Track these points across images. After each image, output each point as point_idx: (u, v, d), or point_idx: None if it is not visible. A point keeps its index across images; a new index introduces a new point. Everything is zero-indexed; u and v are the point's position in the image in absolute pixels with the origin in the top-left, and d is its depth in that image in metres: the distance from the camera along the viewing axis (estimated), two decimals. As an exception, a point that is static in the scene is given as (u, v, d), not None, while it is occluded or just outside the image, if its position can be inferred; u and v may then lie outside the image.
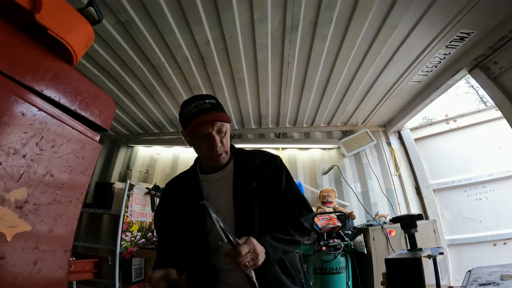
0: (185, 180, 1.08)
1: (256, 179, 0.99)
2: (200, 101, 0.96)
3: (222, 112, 0.97)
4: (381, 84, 2.53)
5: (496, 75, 1.96)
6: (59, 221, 0.67)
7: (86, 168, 0.76)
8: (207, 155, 0.99)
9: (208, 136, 0.94)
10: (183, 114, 0.98)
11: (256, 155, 1.09)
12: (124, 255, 2.53)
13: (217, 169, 1.03)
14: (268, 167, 1.04)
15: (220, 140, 0.96)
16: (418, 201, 3.11)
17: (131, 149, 3.70)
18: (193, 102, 0.96)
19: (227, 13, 1.73)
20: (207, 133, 0.94)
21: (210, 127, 0.93)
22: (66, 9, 0.73)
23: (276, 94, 2.73)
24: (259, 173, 1.01)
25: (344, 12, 1.72)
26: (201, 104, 0.95)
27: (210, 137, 0.94)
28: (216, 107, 0.96)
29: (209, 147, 0.95)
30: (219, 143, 0.95)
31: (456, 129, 3.09)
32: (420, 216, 1.47)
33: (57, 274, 0.66)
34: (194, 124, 0.93)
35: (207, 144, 0.95)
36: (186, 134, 1.00)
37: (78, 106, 0.72)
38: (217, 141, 0.95)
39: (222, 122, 0.95)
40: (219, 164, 1.01)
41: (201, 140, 0.96)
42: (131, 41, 1.99)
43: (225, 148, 0.99)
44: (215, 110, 0.95)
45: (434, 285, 1.11)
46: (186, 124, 0.97)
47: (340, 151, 3.34)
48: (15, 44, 0.60)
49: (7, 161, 0.54)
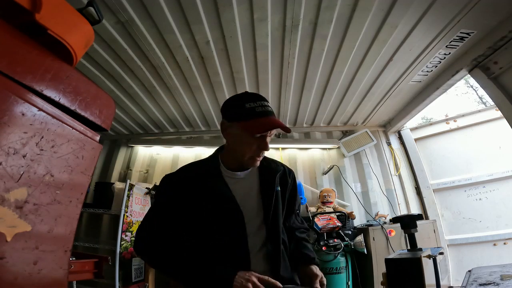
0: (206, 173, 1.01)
1: (279, 185, 1.04)
2: (265, 102, 0.93)
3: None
4: (381, 84, 2.53)
5: (496, 75, 1.96)
6: (59, 221, 0.67)
7: (86, 168, 0.76)
8: (248, 155, 0.94)
9: (264, 138, 0.92)
10: (244, 108, 0.91)
11: (275, 163, 1.11)
12: (124, 255, 2.53)
13: (240, 168, 1.01)
14: (288, 176, 1.11)
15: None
16: (418, 201, 3.11)
17: (131, 149, 3.70)
18: (258, 100, 0.92)
19: (227, 13, 1.73)
20: (264, 136, 0.92)
21: (270, 132, 0.92)
22: (66, 9, 0.73)
23: (276, 94, 2.73)
24: (281, 180, 1.06)
25: (344, 12, 1.72)
26: (266, 106, 0.92)
27: (264, 142, 0.92)
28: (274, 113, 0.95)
29: (256, 149, 0.93)
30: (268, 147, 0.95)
31: (456, 129, 3.09)
32: (420, 216, 1.47)
33: (57, 274, 0.66)
34: (258, 122, 0.89)
35: (256, 146, 0.92)
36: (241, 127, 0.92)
37: (78, 106, 0.72)
38: (268, 145, 0.93)
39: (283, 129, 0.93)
40: (253, 166, 1.00)
41: (251, 139, 0.92)
42: (131, 41, 1.98)
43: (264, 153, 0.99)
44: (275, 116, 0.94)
45: (434, 285, 1.11)
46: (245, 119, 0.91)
47: (340, 151, 3.34)
48: (15, 44, 0.60)
49: (7, 161, 0.54)
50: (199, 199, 0.95)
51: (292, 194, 1.11)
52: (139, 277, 2.65)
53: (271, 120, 0.91)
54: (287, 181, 1.09)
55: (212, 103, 2.92)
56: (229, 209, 0.94)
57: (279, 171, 1.06)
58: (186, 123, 3.43)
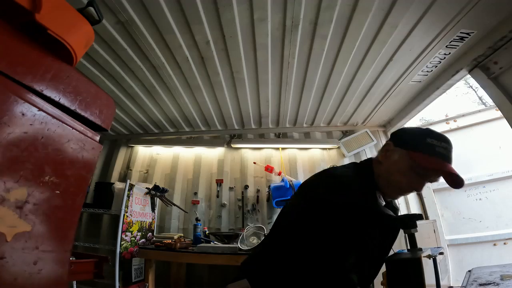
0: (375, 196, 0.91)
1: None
2: (450, 147, 0.87)
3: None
4: (381, 84, 2.53)
5: (496, 75, 1.95)
6: (59, 221, 0.67)
7: (86, 168, 0.76)
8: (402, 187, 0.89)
9: (423, 179, 0.87)
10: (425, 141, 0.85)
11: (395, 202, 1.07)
12: (124, 255, 2.53)
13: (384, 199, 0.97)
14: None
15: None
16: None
17: (131, 149, 3.70)
18: (445, 142, 0.86)
19: (227, 13, 1.73)
20: (427, 176, 0.87)
21: (435, 176, 0.87)
22: (66, 9, 0.73)
23: (276, 94, 2.73)
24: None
25: (344, 12, 1.72)
26: (450, 151, 0.86)
27: (424, 181, 0.88)
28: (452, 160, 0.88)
29: (412, 185, 0.88)
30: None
31: (456, 129, 3.09)
32: (420, 216, 1.46)
33: (57, 274, 0.66)
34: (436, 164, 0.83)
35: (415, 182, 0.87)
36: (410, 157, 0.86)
37: (78, 106, 0.72)
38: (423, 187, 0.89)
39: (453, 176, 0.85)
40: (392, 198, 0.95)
41: (414, 174, 0.86)
42: (131, 41, 1.99)
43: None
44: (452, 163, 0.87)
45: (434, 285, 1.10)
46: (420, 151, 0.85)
47: (340, 151, 3.34)
48: (15, 44, 0.60)
49: (7, 161, 0.54)
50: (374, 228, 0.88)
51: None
52: (139, 277, 2.65)
53: (446, 165, 0.83)
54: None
55: (212, 103, 2.92)
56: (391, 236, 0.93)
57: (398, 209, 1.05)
58: (186, 123, 3.43)
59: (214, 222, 3.18)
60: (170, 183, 3.39)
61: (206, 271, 2.93)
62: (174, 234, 2.83)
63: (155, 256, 2.45)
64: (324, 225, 0.79)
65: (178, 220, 3.25)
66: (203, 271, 2.93)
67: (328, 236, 0.77)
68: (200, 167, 3.46)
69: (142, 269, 2.68)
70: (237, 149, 3.51)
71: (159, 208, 3.24)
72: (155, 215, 3.15)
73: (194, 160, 3.53)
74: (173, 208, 3.19)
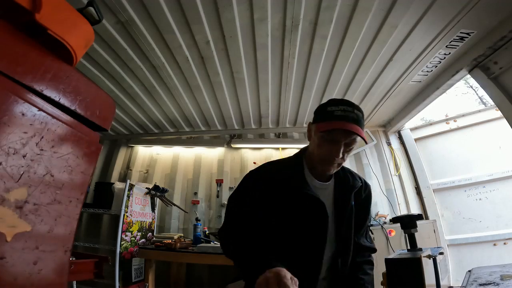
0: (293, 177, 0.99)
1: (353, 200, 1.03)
2: (350, 108, 0.91)
3: (362, 129, 0.92)
4: (381, 84, 2.53)
5: (496, 75, 1.95)
6: (59, 221, 0.67)
7: (86, 168, 0.76)
8: (322, 158, 0.95)
9: (337, 143, 0.91)
10: (326, 110, 0.94)
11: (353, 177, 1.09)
12: (124, 255, 2.53)
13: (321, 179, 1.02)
14: (364, 191, 1.09)
15: (342, 152, 0.92)
16: (418, 201, 3.11)
17: (131, 149, 3.70)
18: (342, 105, 0.92)
19: (227, 13, 1.73)
20: (337, 140, 0.91)
21: (344, 137, 0.90)
22: (66, 9, 0.73)
23: (276, 94, 2.73)
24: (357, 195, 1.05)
25: (344, 12, 1.72)
26: (349, 111, 0.90)
27: (338, 145, 0.91)
28: (360, 120, 0.92)
29: (330, 152, 0.92)
30: (340, 154, 0.92)
31: (456, 129, 3.09)
32: (420, 216, 1.46)
33: (57, 274, 0.66)
34: (332, 125, 0.89)
35: (329, 149, 0.92)
36: (316, 128, 0.95)
37: (78, 106, 0.72)
38: (340, 151, 0.91)
39: (356, 137, 0.91)
40: (327, 171, 0.97)
41: (327, 142, 0.92)
42: (131, 41, 1.98)
43: (342, 161, 0.96)
44: (358, 124, 0.90)
45: (434, 285, 1.10)
46: (322, 120, 0.93)
47: (340, 151, 3.34)
48: (15, 44, 0.60)
49: (7, 161, 0.54)
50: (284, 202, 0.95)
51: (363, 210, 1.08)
52: (139, 277, 2.65)
53: (345, 124, 0.88)
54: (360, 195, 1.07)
55: (212, 103, 2.92)
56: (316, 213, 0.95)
57: (356, 186, 1.04)
58: (186, 123, 3.43)
59: (214, 222, 3.18)
60: (170, 183, 3.39)
61: (206, 271, 2.93)
62: (174, 234, 2.83)
63: (155, 256, 2.45)
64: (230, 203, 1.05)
65: (178, 220, 3.25)
66: (203, 271, 2.93)
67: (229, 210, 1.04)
68: (200, 167, 3.46)
69: (142, 269, 2.68)
70: (237, 149, 3.51)
71: (159, 208, 3.24)
72: (155, 215, 3.15)
73: (194, 160, 3.53)
74: (173, 208, 3.19)
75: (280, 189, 0.96)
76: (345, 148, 0.92)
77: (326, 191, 1.02)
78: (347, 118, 0.89)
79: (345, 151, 0.92)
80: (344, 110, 0.90)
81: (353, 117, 0.90)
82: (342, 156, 0.93)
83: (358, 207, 1.06)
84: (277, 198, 0.95)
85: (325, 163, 0.95)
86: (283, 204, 0.95)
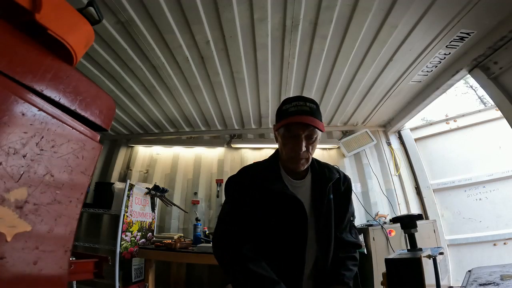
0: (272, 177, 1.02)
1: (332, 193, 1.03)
2: (301, 102, 0.95)
3: (318, 119, 0.95)
4: (381, 84, 2.53)
5: (496, 75, 1.95)
6: (59, 221, 0.67)
7: (86, 168, 0.75)
8: (288, 156, 0.98)
9: (297, 137, 0.94)
10: (281, 110, 0.98)
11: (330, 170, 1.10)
12: (124, 255, 2.53)
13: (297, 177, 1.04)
14: (343, 183, 1.09)
15: (306, 145, 0.95)
16: (418, 201, 3.11)
17: (131, 149, 3.70)
18: (295, 101, 0.96)
19: (227, 13, 1.73)
20: (296, 134, 0.94)
21: (301, 130, 0.93)
22: (66, 9, 0.73)
23: (276, 94, 2.73)
24: (335, 188, 1.06)
25: (344, 12, 1.72)
26: (301, 105, 0.94)
27: (298, 139, 0.94)
28: (314, 112, 0.95)
29: (292, 149, 0.95)
30: (304, 148, 0.94)
31: (456, 129, 3.09)
32: (420, 216, 1.46)
33: (57, 274, 0.66)
34: (287, 122, 0.93)
35: (292, 145, 0.95)
36: (276, 128, 0.99)
37: (78, 106, 0.72)
38: (302, 145, 0.94)
39: (314, 129, 0.94)
40: (297, 169, 0.99)
41: (288, 139, 0.96)
42: (131, 41, 1.98)
43: (308, 155, 0.98)
44: (312, 115, 0.93)
45: (434, 285, 1.10)
46: (279, 120, 0.97)
47: (340, 151, 3.34)
48: (15, 44, 0.59)
49: (7, 161, 0.54)
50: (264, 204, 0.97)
51: (343, 203, 1.08)
52: (139, 277, 2.65)
53: (299, 118, 0.92)
54: (339, 188, 1.07)
55: (212, 103, 2.92)
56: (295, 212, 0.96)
57: (332, 179, 1.04)
58: (186, 123, 3.43)
59: (214, 222, 3.16)
60: (170, 183, 3.39)
61: (206, 271, 2.93)
62: (174, 234, 2.83)
63: (155, 256, 2.45)
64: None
65: (178, 220, 3.25)
66: (203, 271, 2.93)
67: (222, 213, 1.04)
68: (200, 167, 3.47)
69: (142, 269, 2.68)
70: (237, 149, 3.51)
71: (159, 208, 3.24)
72: (155, 215, 3.15)
73: (194, 160, 3.53)
74: (173, 208, 3.19)
75: (259, 191, 0.98)
76: (307, 141, 0.95)
77: (304, 188, 1.03)
78: (300, 112, 0.93)
79: (308, 145, 0.95)
80: (297, 105, 0.94)
81: (306, 110, 0.93)
82: (307, 150, 0.95)
83: (338, 200, 1.06)
84: (258, 201, 0.97)
85: (292, 160, 0.97)
86: (264, 206, 0.97)
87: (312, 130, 0.94)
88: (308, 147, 0.95)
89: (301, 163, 0.97)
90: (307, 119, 0.91)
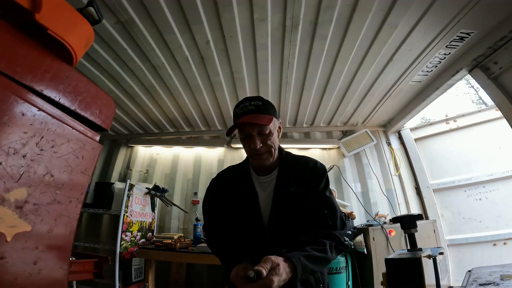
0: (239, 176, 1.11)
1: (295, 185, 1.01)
2: (246, 103, 1.00)
3: (263, 114, 0.98)
4: (381, 84, 2.53)
5: (496, 75, 1.95)
6: (59, 221, 0.67)
7: (86, 168, 0.76)
8: (250, 154, 1.05)
9: (250, 137, 0.99)
10: (233, 114, 1.04)
11: (301, 161, 1.09)
12: (124, 255, 2.53)
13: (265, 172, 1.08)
14: (310, 174, 1.04)
15: (261, 141, 0.99)
16: (418, 201, 3.11)
17: (131, 149, 3.70)
18: (242, 103, 1.01)
19: (227, 13, 1.73)
20: (248, 134, 0.99)
21: (250, 129, 0.97)
22: (66, 9, 0.73)
23: (276, 94, 2.73)
24: (299, 179, 1.02)
25: (344, 12, 1.72)
26: (247, 106, 0.99)
27: (251, 138, 0.98)
28: (260, 109, 0.98)
29: (250, 147, 1.00)
30: (259, 144, 0.98)
31: (456, 129, 3.09)
32: (420, 216, 1.47)
33: (57, 274, 0.66)
34: (237, 125, 0.98)
35: (248, 144, 1.00)
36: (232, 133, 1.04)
37: (78, 106, 0.72)
38: (256, 142, 0.97)
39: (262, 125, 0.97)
40: (262, 164, 1.03)
41: (244, 140, 1.02)
42: (131, 41, 1.98)
43: (268, 149, 1.01)
44: (258, 112, 0.97)
45: (434, 285, 1.11)
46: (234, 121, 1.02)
47: (340, 151, 3.34)
48: (15, 44, 0.60)
49: (7, 161, 0.54)
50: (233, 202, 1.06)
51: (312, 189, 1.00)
52: (139, 277, 2.65)
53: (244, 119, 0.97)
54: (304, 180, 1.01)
55: (212, 103, 2.92)
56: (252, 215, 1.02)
57: (295, 171, 1.03)
58: (186, 123, 3.43)
59: (214, 222, 3.18)
60: (170, 183, 3.39)
61: (206, 271, 2.93)
62: (174, 234, 2.83)
63: (155, 256, 2.45)
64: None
65: (178, 220, 3.25)
66: (203, 271, 2.93)
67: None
68: (200, 167, 3.47)
69: (142, 269, 2.68)
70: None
71: (159, 208, 3.24)
72: (155, 215, 3.15)
73: (194, 160, 3.53)
74: (173, 208, 3.19)
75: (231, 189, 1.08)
76: (261, 137, 0.99)
77: (271, 183, 1.06)
78: (246, 112, 0.98)
79: (264, 140, 0.99)
80: (243, 107, 0.99)
81: (251, 109, 0.98)
82: (264, 145, 0.99)
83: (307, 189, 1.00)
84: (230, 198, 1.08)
85: (254, 158, 1.03)
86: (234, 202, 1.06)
87: (261, 126, 0.97)
88: (264, 142, 0.99)
89: (263, 158, 1.01)
90: (252, 118, 0.96)
